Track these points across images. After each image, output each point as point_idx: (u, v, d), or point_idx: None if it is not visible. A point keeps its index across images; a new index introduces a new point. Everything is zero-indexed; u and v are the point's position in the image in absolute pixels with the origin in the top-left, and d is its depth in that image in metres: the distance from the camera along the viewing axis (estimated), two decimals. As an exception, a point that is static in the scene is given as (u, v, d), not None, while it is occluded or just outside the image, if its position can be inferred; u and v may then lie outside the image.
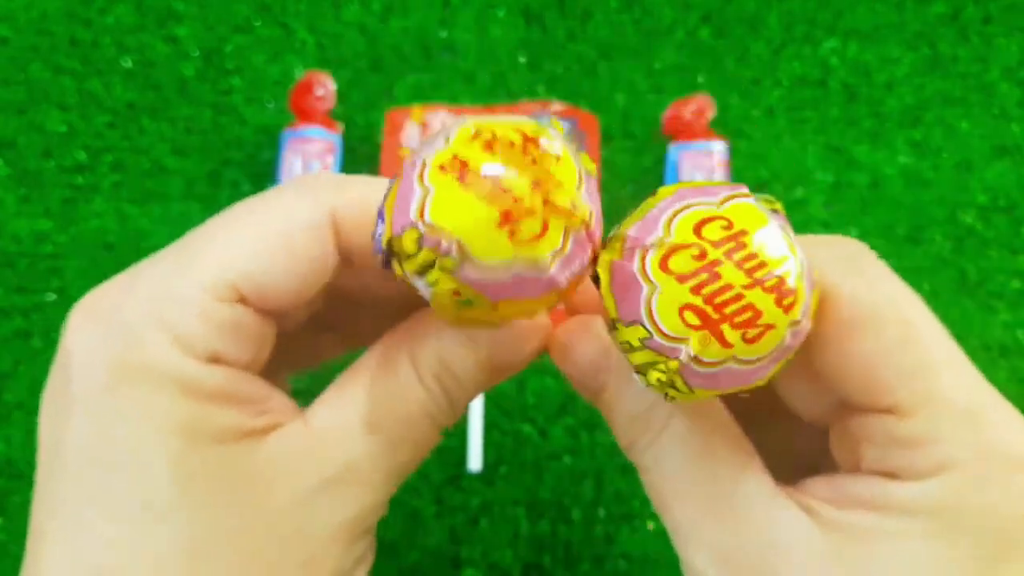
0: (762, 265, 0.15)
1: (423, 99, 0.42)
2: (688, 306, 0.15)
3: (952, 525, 0.15)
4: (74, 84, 0.42)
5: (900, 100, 0.43)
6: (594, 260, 0.16)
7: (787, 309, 0.15)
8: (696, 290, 0.15)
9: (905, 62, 0.43)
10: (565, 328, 0.21)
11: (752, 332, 0.15)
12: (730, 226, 0.15)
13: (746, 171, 0.42)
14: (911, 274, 0.40)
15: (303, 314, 0.20)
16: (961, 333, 0.40)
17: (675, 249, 0.15)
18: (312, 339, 0.22)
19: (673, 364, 0.15)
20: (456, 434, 0.39)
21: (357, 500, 0.18)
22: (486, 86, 0.43)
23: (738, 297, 0.15)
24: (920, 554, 0.15)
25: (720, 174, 0.39)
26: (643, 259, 0.16)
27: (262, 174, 0.41)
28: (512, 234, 0.15)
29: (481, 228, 0.15)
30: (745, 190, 0.16)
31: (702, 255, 0.15)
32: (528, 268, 0.15)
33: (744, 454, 0.18)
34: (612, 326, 0.16)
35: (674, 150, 0.40)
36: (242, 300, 0.17)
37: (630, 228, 0.16)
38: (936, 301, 0.40)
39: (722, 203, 0.16)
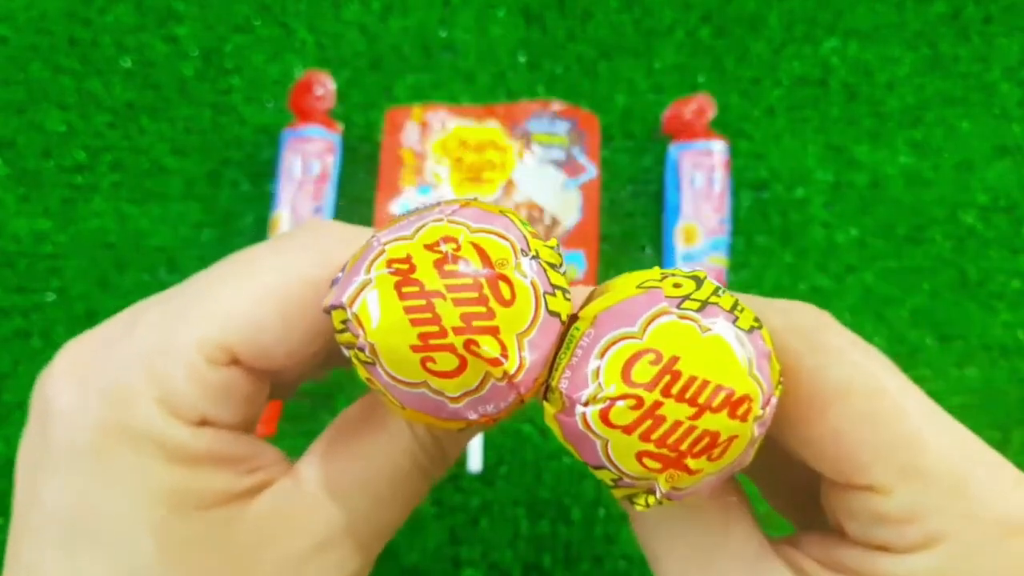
0: (703, 386, 0.14)
1: (423, 99, 0.42)
2: (643, 453, 0.15)
3: None
4: (74, 84, 0.42)
5: (900, 100, 0.43)
6: (520, 402, 0.15)
7: (744, 417, 0.14)
8: (645, 437, 0.15)
9: (905, 62, 0.43)
10: None
11: (716, 452, 0.15)
12: (658, 359, 0.14)
13: (746, 171, 0.41)
14: (911, 274, 0.40)
15: (301, 369, 0.18)
16: (961, 333, 0.40)
17: (611, 403, 0.15)
18: (314, 372, 0.21)
19: (651, 498, 0.15)
20: (456, 434, 0.39)
21: (349, 561, 0.17)
22: (486, 86, 0.42)
23: (690, 430, 0.14)
24: None
25: (720, 174, 0.39)
26: (583, 417, 0.15)
27: (262, 174, 0.41)
28: (424, 362, 0.15)
29: (395, 343, 0.14)
30: (660, 295, 0.15)
31: (639, 403, 0.14)
32: (435, 395, 0.15)
33: (736, 507, 0.17)
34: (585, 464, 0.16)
35: (674, 150, 0.40)
36: (235, 362, 0.17)
37: (562, 380, 0.15)
38: (936, 301, 0.40)
39: (643, 330, 0.15)
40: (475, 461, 0.38)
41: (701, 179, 0.39)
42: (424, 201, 0.40)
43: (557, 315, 0.15)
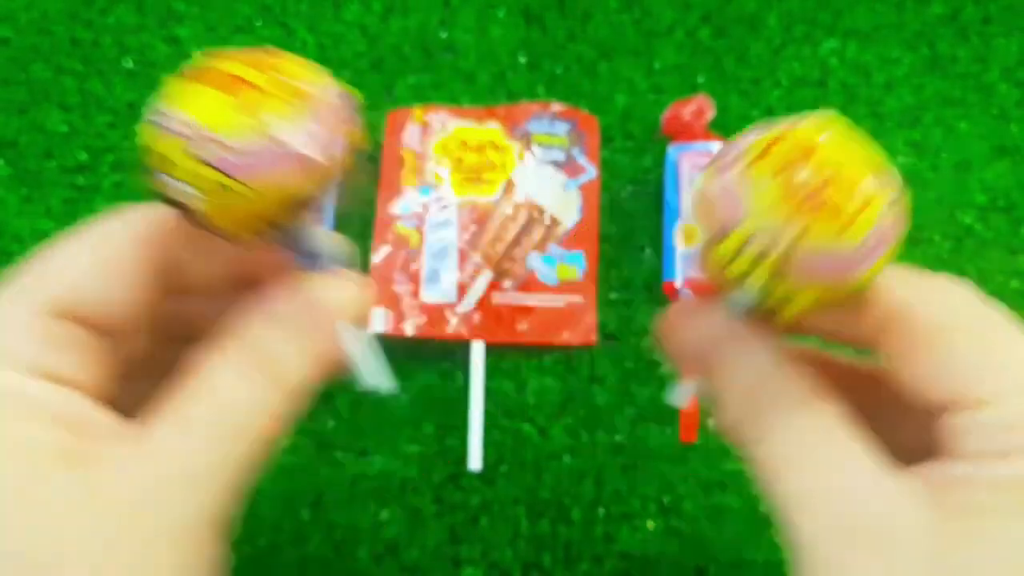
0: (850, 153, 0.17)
1: (423, 99, 0.42)
2: (785, 195, 0.16)
3: None
4: (75, 84, 0.42)
5: (899, 100, 0.43)
6: (353, 149, 0.18)
7: (883, 184, 0.17)
8: (787, 180, 0.16)
9: (904, 62, 0.43)
10: (672, 310, 0.23)
11: (852, 206, 0.16)
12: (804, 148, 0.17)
13: (746, 171, 0.42)
14: (910, 274, 0.40)
15: (139, 335, 0.20)
16: (960, 333, 0.40)
17: (764, 152, 0.17)
18: (174, 355, 0.21)
19: (773, 258, 0.16)
20: (456, 434, 0.39)
21: (195, 502, 0.18)
22: (486, 86, 0.43)
23: (832, 178, 0.16)
24: None
25: None
26: (733, 169, 0.17)
27: (263, 174, 0.41)
28: (245, 109, 0.16)
29: (217, 108, 0.16)
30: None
31: (794, 149, 0.17)
32: (271, 143, 0.16)
33: (856, 428, 0.18)
34: (710, 248, 0.17)
35: (673, 150, 0.40)
36: (64, 315, 0.18)
37: (716, 154, 0.18)
38: (935, 301, 0.40)
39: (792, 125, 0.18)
40: (475, 461, 0.38)
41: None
42: (424, 202, 0.40)
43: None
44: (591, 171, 0.41)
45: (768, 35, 0.43)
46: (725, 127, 0.42)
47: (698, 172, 0.39)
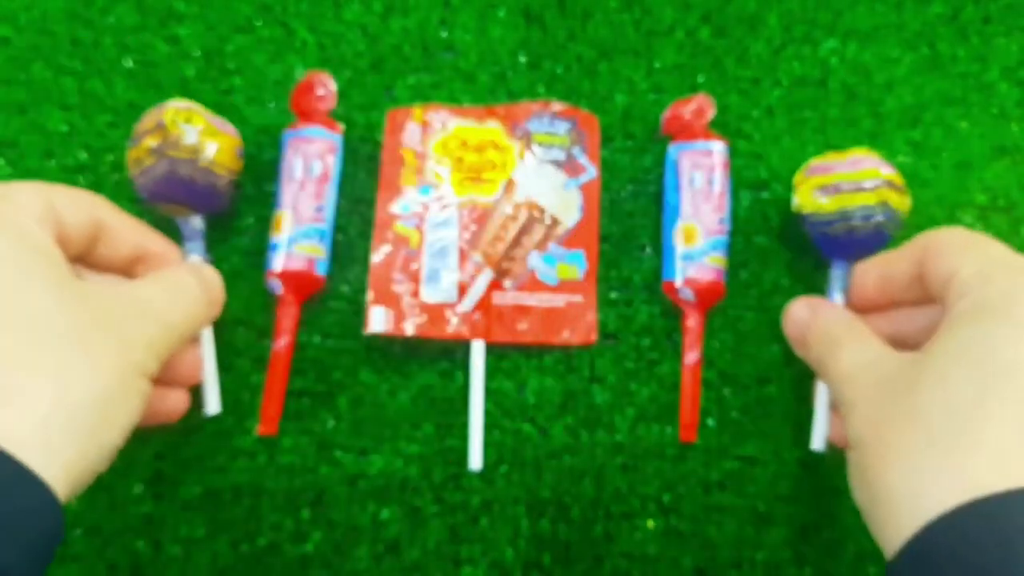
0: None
1: (423, 99, 0.42)
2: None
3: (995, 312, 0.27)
4: (75, 84, 0.42)
5: (899, 100, 0.43)
6: None
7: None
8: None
9: (905, 62, 0.43)
10: (790, 304, 0.37)
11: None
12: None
13: (746, 171, 0.42)
14: (910, 274, 0.40)
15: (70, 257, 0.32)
16: (960, 333, 0.40)
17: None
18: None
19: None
20: (457, 434, 0.39)
21: (154, 328, 0.30)
22: (486, 86, 0.43)
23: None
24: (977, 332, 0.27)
25: (720, 174, 0.39)
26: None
27: (263, 174, 0.41)
28: None
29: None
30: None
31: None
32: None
33: (883, 343, 0.32)
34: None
35: (673, 150, 0.40)
36: (51, 208, 0.30)
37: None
38: (935, 301, 0.40)
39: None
40: (476, 460, 0.38)
41: (700, 179, 0.39)
42: (424, 202, 0.40)
43: None
44: (591, 171, 0.41)
45: (768, 35, 0.43)
46: (725, 127, 0.42)
47: (698, 171, 0.39)
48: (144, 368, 0.29)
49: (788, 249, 0.41)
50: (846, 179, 0.36)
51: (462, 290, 0.39)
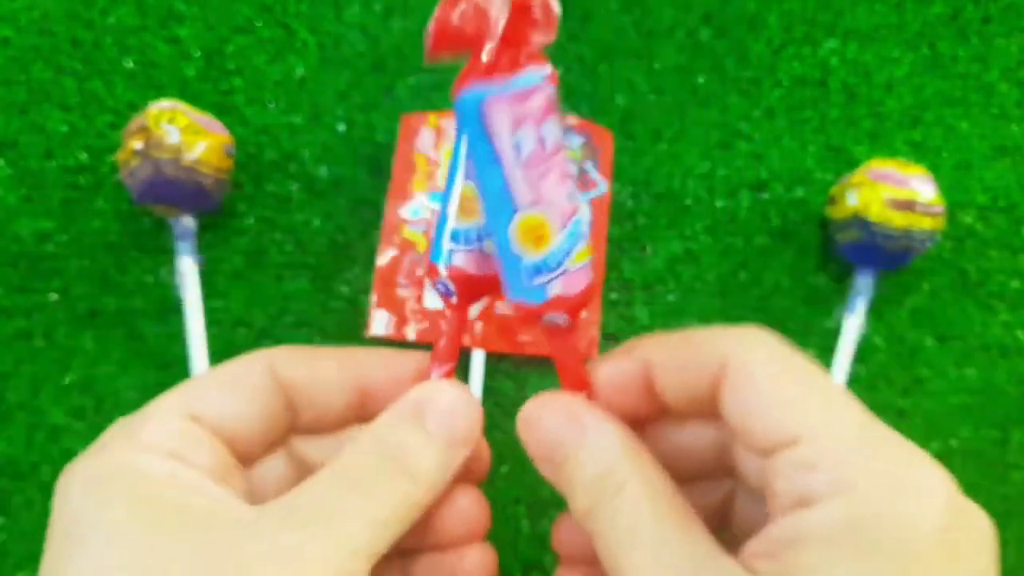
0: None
1: (424, 100, 0.42)
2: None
3: (863, 543, 0.17)
4: (76, 84, 0.42)
5: (900, 100, 0.43)
6: None
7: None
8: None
9: (905, 62, 0.43)
10: (532, 402, 0.23)
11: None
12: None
13: (746, 171, 0.42)
14: (911, 274, 0.40)
15: (256, 441, 0.23)
16: (960, 333, 0.40)
17: None
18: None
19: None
20: (457, 434, 0.39)
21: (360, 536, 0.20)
22: (487, 86, 0.43)
23: None
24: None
25: (553, 120, 0.22)
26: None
27: (263, 174, 0.41)
28: None
29: None
30: None
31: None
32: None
33: (692, 518, 0.20)
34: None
35: (470, 100, 0.20)
36: (197, 420, 0.21)
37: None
38: (936, 301, 0.40)
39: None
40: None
41: (530, 139, 0.21)
42: (434, 208, 0.40)
43: None
44: (602, 186, 0.41)
45: (768, 35, 0.43)
46: (725, 127, 0.42)
47: (526, 129, 0.21)
48: None
49: (788, 249, 0.41)
50: (920, 199, 0.36)
51: (464, 295, 0.39)
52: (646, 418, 0.23)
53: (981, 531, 0.18)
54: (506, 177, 0.21)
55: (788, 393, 0.19)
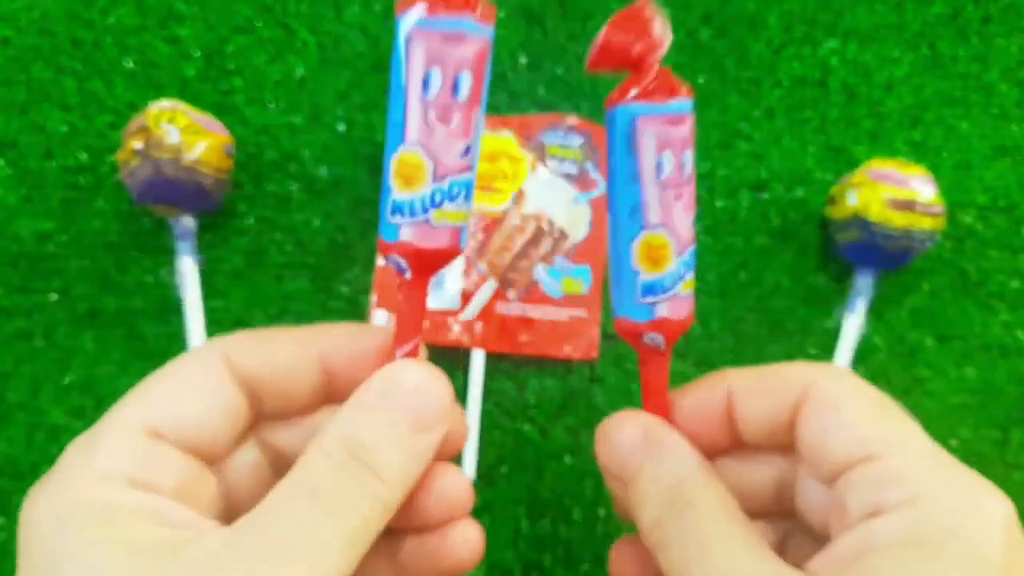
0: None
1: (424, 99, 0.42)
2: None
3: (931, 550, 0.18)
4: (76, 84, 0.42)
5: (900, 100, 0.43)
6: None
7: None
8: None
9: (905, 62, 0.43)
10: (612, 417, 0.24)
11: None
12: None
13: (746, 171, 0.42)
14: (911, 274, 0.40)
15: (223, 450, 0.22)
16: (960, 333, 0.40)
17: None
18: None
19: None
20: (457, 434, 0.39)
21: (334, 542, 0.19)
22: (487, 86, 0.43)
23: None
24: None
25: (691, 150, 0.23)
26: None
27: (263, 174, 0.41)
28: None
29: None
30: None
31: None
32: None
33: (760, 537, 0.20)
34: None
35: (623, 114, 0.22)
36: (157, 435, 0.20)
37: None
38: (936, 301, 0.40)
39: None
40: (468, 468, 0.38)
41: (670, 163, 0.22)
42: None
43: None
44: (603, 186, 0.41)
45: (768, 35, 0.43)
46: (725, 127, 0.42)
47: (668, 152, 0.22)
48: None
49: (788, 249, 0.41)
50: (920, 199, 0.36)
51: (465, 298, 0.39)
52: (717, 451, 0.23)
53: None
54: (642, 194, 0.23)
55: (866, 415, 0.20)
